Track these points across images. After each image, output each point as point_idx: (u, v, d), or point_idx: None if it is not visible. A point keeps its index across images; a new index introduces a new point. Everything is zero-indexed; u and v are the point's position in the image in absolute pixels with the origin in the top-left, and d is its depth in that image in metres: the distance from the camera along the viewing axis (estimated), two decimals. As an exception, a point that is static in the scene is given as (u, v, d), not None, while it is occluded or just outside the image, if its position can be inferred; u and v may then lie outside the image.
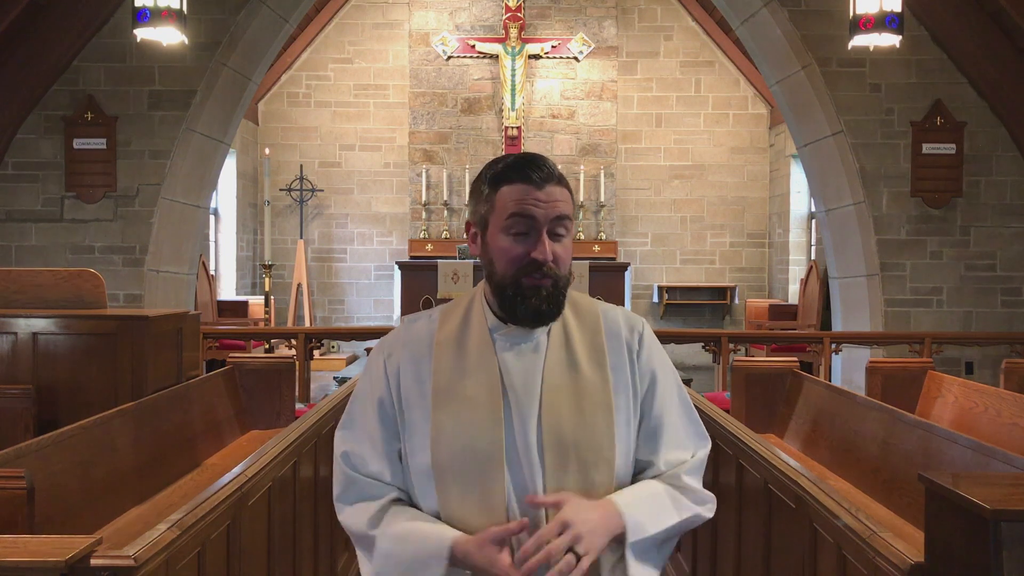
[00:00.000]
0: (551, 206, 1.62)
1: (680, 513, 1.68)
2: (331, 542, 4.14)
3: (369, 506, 1.67)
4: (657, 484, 1.70)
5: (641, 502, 1.64)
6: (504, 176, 1.65)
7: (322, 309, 12.24)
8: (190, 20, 6.67)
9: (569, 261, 1.67)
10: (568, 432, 1.63)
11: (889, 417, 4.11)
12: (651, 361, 1.75)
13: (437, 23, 11.66)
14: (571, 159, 11.62)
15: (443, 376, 1.66)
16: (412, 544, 1.61)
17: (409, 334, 1.73)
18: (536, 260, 1.61)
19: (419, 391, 1.67)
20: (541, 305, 1.62)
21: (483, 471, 1.61)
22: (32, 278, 4.62)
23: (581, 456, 1.63)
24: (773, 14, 7.66)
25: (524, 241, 1.62)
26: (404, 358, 1.70)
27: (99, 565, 1.94)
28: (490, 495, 1.60)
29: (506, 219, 1.63)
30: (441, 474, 1.62)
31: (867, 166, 7.69)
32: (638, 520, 1.62)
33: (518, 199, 1.62)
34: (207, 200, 8.23)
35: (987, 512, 1.77)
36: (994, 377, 7.13)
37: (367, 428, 1.71)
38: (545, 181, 1.63)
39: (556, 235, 1.64)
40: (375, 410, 1.70)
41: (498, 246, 1.64)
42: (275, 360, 5.30)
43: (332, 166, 12.22)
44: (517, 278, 1.62)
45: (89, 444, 3.31)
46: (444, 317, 1.73)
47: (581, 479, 1.63)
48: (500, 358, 1.66)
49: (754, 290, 12.22)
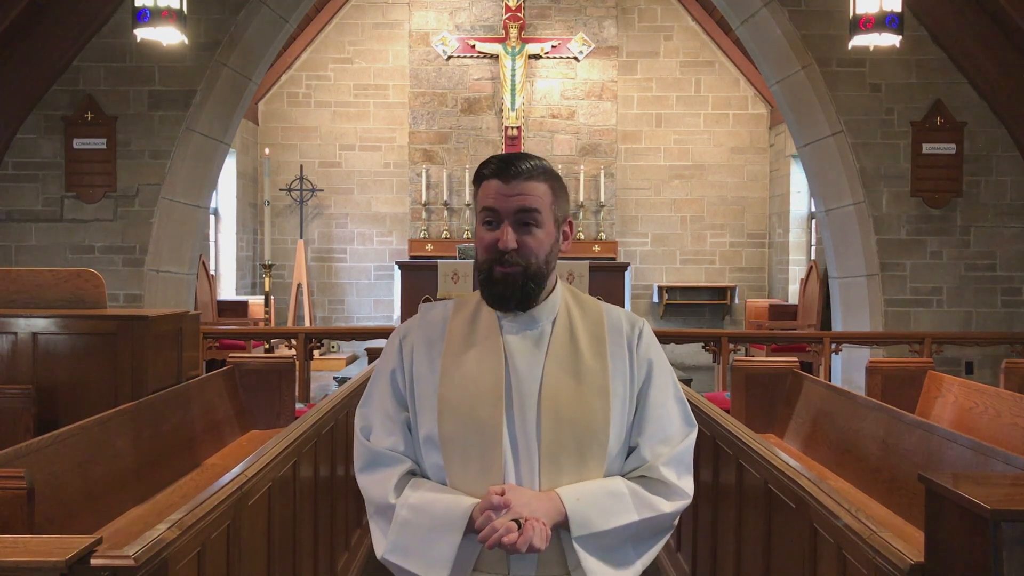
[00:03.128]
0: (516, 199, 1.75)
1: (640, 512, 1.73)
2: (331, 542, 4.14)
3: (388, 477, 1.77)
4: (621, 482, 1.75)
5: (590, 497, 1.70)
6: (481, 174, 1.80)
7: (322, 309, 12.24)
8: (190, 20, 6.67)
9: (542, 251, 1.77)
10: (565, 413, 1.73)
11: (889, 417, 4.11)
12: (649, 354, 1.85)
13: (437, 23, 11.66)
14: (571, 159, 11.63)
15: (452, 355, 1.79)
16: (430, 514, 1.70)
17: (425, 318, 1.88)
18: (499, 249, 1.74)
19: (429, 367, 1.80)
20: (505, 291, 1.76)
21: (483, 443, 1.72)
22: (32, 278, 4.62)
23: (576, 436, 1.73)
24: (773, 14, 7.67)
25: (494, 231, 1.76)
26: (418, 338, 1.84)
27: (99, 565, 1.94)
28: (489, 467, 1.71)
29: (480, 211, 1.80)
30: (445, 444, 1.73)
31: (867, 166, 7.69)
32: (584, 514, 1.68)
33: (489, 194, 1.77)
34: (207, 200, 8.23)
35: (987, 512, 1.77)
36: (994, 377, 7.13)
37: (383, 404, 1.84)
38: (514, 177, 1.75)
39: (524, 226, 1.75)
40: (389, 385, 1.84)
41: (477, 235, 1.81)
42: (275, 360, 5.30)
43: (332, 166, 12.22)
44: (490, 264, 1.76)
45: (89, 444, 3.31)
46: (459, 306, 1.87)
47: (575, 459, 1.73)
48: (505, 340, 1.79)
49: (754, 290, 12.22)
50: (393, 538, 1.72)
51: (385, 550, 1.74)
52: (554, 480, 1.71)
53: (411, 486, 1.75)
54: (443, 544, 1.67)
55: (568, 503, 1.68)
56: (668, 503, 1.76)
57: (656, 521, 1.76)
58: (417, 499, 1.72)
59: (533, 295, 1.77)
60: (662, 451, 1.79)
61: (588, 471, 1.73)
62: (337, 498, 4.25)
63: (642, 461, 1.78)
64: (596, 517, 1.69)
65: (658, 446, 1.79)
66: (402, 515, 1.72)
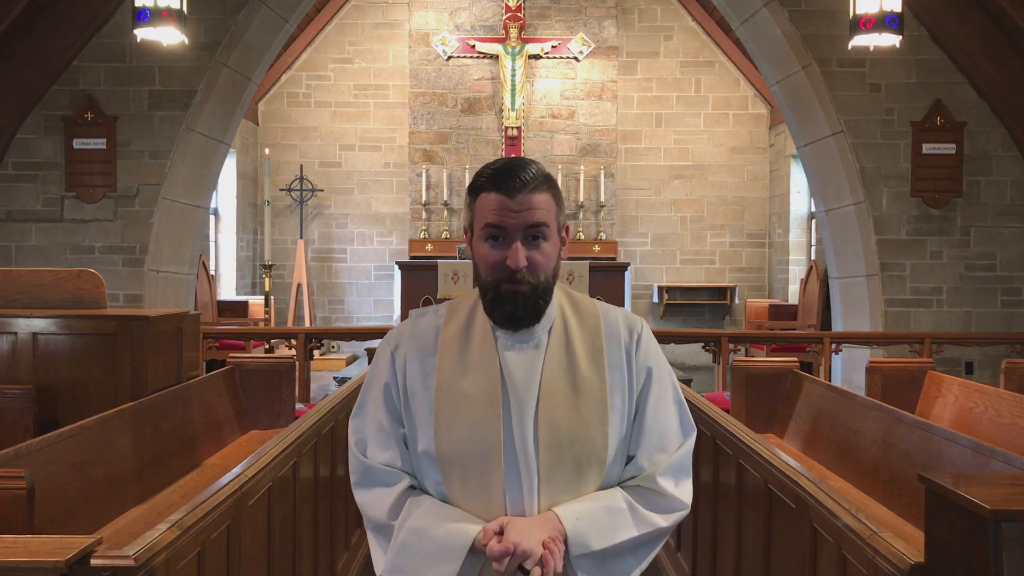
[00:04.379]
0: (524, 215, 1.67)
1: (639, 528, 1.71)
2: (331, 542, 4.14)
3: (387, 494, 1.73)
4: (620, 496, 1.72)
5: (589, 516, 1.67)
6: (481, 186, 1.71)
7: (322, 309, 12.24)
8: (190, 20, 6.67)
9: (550, 265, 1.72)
10: (564, 429, 1.69)
11: (889, 417, 4.11)
12: (647, 359, 1.80)
13: (437, 23, 11.66)
14: (571, 159, 11.63)
15: (446, 372, 1.73)
16: (430, 538, 1.65)
17: (416, 328, 1.80)
18: (510, 268, 1.67)
19: (423, 384, 1.74)
20: (516, 311, 1.69)
21: (482, 464, 1.67)
22: (32, 278, 4.61)
23: (575, 453, 1.69)
24: (773, 14, 7.66)
25: (500, 247, 1.69)
26: (410, 351, 1.77)
27: (99, 565, 1.94)
28: (488, 487, 1.67)
29: (482, 227, 1.70)
30: (443, 461, 1.69)
31: (867, 166, 7.69)
32: (583, 534, 1.65)
33: (492, 209, 1.68)
34: (207, 200, 8.23)
35: (987, 512, 1.77)
36: (994, 377, 7.13)
37: (377, 417, 1.78)
38: (519, 190, 1.67)
39: (533, 241, 1.69)
40: (383, 399, 1.78)
41: (479, 252, 1.72)
42: (275, 360, 5.29)
43: (332, 166, 12.22)
44: (496, 283, 1.69)
45: (89, 444, 3.31)
46: (450, 314, 1.80)
47: (574, 475, 1.69)
48: (501, 356, 1.72)
49: (754, 290, 12.22)
50: (392, 559, 1.69)
51: (384, 569, 1.72)
52: (553, 495, 1.68)
53: (410, 504, 1.71)
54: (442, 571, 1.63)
55: (567, 523, 1.65)
56: (665, 516, 1.74)
57: (654, 534, 1.74)
58: (416, 522, 1.68)
59: (543, 310, 1.72)
60: (660, 459, 1.76)
61: (586, 485, 1.70)
62: (337, 498, 4.25)
63: (640, 470, 1.76)
64: (595, 537, 1.66)
65: (656, 455, 1.76)
66: (401, 538, 1.68)
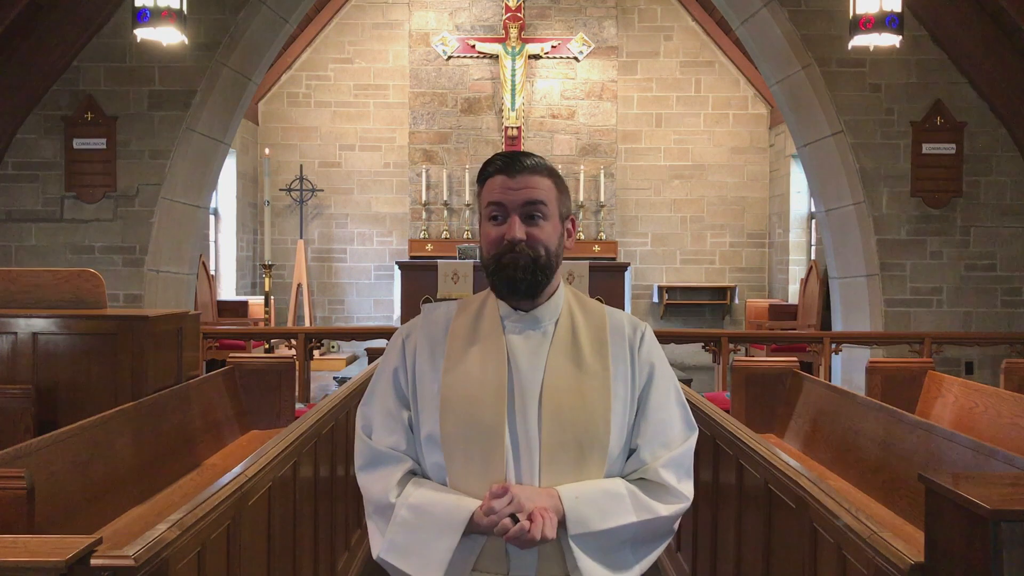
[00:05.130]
0: (523, 192, 1.76)
1: (638, 514, 1.73)
2: (331, 542, 4.14)
3: (389, 476, 1.77)
4: (621, 484, 1.75)
5: (589, 496, 1.70)
6: (486, 172, 1.82)
7: (322, 309, 12.24)
8: (190, 20, 6.67)
9: (550, 243, 1.78)
10: (567, 413, 1.73)
11: (889, 417, 4.11)
12: (651, 356, 1.85)
13: (437, 23, 11.66)
14: (571, 159, 11.63)
15: (455, 354, 1.79)
16: (430, 515, 1.70)
17: (428, 318, 1.88)
18: (509, 240, 1.75)
19: (432, 367, 1.80)
20: (516, 274, 1.75)
21: (484, 445, 1.71)
22: (32, 278, 4.61)
23: (577, 437, 1.73)
24: (773, 14, 7.66)
25: (500, 225, 1.77)
26: (421, 338, 1.84)
27: (99, 565, 1.94)
28: (490, 466, 1.71)
29: (485, 207, 1.80)
30: (446, 443, 1.73)
31: (867, 166, 7.69)
32: (582, 513, 1.68)
33: (494, 189, 1.78)
34: (207, 200, 8.23)
35: (987, 512, 1.76)
36: (994, 377, 7.13)
37: (385, 403, 1.84)
38: (519, 172, 1.77)
39: (531, 218, 1.77)
40: (391, 385, 1.84)
41: (483, 232, 1.81)
42: (275, 360, 5.29)
43: (332, 166, 12.22)
44: (498, 258, 1.77)
45: (89, 444, 3.31)
46: (462, 307, 1.87)
47: (576, 459, 1.73)
48: (508, 340, 1.79)
49: (754, 290, 12.22)
50: (390, 537, 1.72)
51: (381, 549, 1.73)
52: (554, 480, 1.71)
53: (412, 485, 1.75)
54: (440, 546, 1.66)
55: (567, 501, 1.68)
56: (666, 506, 1.76)
57: (655, 524, 1.75)
58: (417, 499, 1.72)
59: (542, 286, 1.78)
60: (662, 454, 1.79)
61: (588, 472, 1.73)
62: (337, 498, 4.25)
63: (642, 463, 1.79)
64: (594, 516, 1.69)
65: (658, 449, 1.79)
66: (401, 515, 1.72)
